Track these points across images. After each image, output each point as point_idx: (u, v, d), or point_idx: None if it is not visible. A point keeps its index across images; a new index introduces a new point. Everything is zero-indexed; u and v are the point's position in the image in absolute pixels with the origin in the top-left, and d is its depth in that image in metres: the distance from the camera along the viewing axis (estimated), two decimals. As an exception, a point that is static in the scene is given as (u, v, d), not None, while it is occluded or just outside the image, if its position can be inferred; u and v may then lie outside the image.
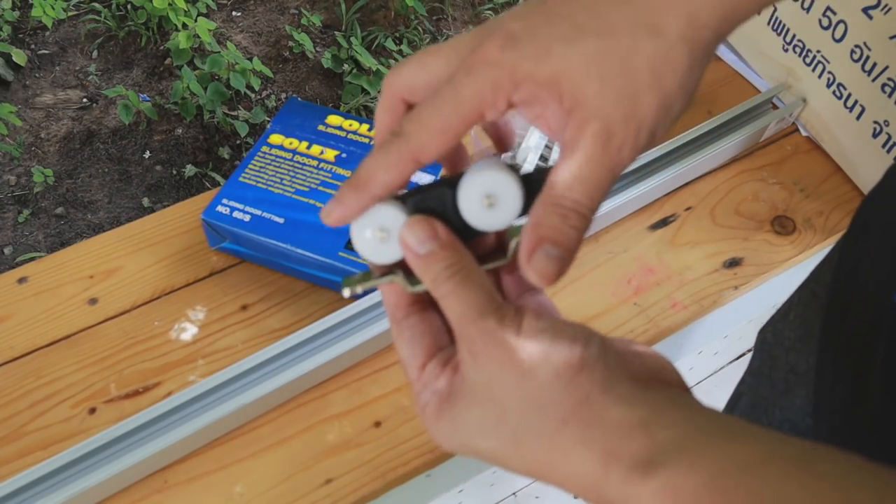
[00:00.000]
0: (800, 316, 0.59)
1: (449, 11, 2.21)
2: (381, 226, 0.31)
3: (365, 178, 0.30)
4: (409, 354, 0.32)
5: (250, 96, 1.97)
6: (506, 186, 0.30)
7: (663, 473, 0.24)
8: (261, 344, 0.61)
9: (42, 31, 2.09)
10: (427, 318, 0.32)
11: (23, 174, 1.81)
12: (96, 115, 1.93)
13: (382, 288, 0.33)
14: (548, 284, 0.29)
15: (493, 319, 0.28)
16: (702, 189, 0.72)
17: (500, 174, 0.30)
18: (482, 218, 0.31)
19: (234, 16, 2.16)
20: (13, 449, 0.56)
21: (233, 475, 0.55)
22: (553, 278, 0.29)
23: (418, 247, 0.30)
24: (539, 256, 0.28)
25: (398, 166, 0.29)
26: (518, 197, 0.30)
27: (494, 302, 0.29)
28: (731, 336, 0.93)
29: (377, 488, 0.54)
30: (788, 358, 0.60)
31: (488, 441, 0.28)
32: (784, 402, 0.60)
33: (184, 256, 0.67)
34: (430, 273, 0.30)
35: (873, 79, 0.65)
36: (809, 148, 0.76)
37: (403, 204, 0.31)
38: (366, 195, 0.30)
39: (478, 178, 0.30)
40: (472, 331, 0.28)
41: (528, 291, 0.34)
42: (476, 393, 0.28)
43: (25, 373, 0.60)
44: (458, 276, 0.29)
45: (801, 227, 0.69)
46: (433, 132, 0.29)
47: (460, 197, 0.30)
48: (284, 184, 0.65)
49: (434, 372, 0.31)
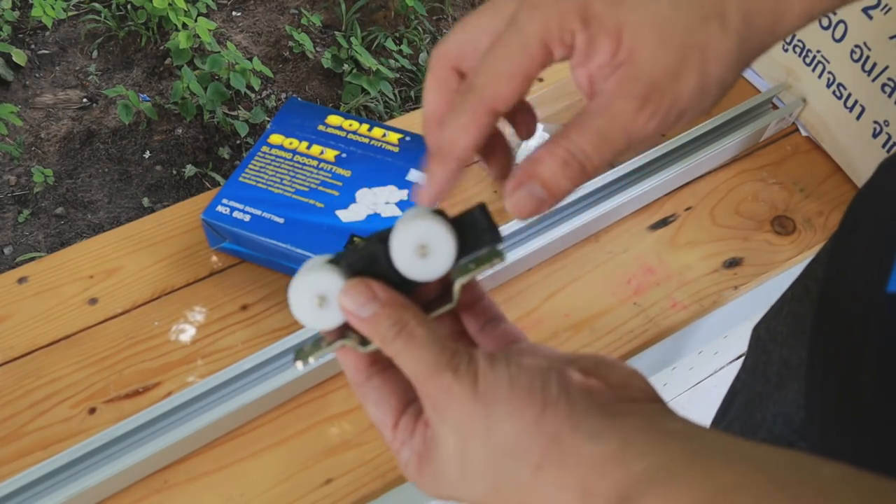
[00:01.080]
0: (792, 311, 0.59)
1: (449, 11, 2.22)
2: (318, 293, 0.31)
3: (448, 145, 0.29)
4: (379, 416, 0.31)
5: (250, 96, 1.97)
6: (437, 234, 0.30)
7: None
8: (261, 344, 0.61)
9: (42, 31, 2.09)
10: (389, 377, 0.32)
11: (23, 174, 1.81)
12: (96, 115, 1.93)
13: (338, 355, 0.33)
14: (521, 218, 0.29)
15: (448, 374, 0.28)
16: (702, 189, 0.72)
17: (428, 223, 0.30)
18: (418, 269, 0.30)
19: (234, 16, 2.16)
20: (13, 449, 0.56)
21: (233, 475, 0.55)
22: (526, 216, 0.29)
23: (359, 310, 0.30)
24: (524, 191, 0.28)
25: (476, 123, 0.29)
26: (451, 243, 0.30)
27: (447, 353, 0.28)
28: (731, 336, 0.93)
29: (377, 488, 0.54)
30: (782, 353, 0.60)
31: (471, 492, 0.28)
32: (777, 396, 0.60)
33: (184, 256, 0.67)
34: (378, 334, 0.29)
35: (873, 79, 0.65)
36: (809, 148, 0.76)
37: (337, 266, 0.31)
38: (453, 162, 0.29)
39: (407, 230, 0.30)
40: (429, 389, 0.28)
41: (490, 322, 0.34)
42: (449, 448, 0.28)
43: (25, 373, 0.60)
44: (404, 333, 0.29)
45: (801, 227, 0.69)
46: (504, 78, 0.28)
47: (393, 251, 0.30)
48: (284, 184, 0.65)
49: (408, 428, 0.31)
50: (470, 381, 0.27)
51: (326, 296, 0.31)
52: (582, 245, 0.67)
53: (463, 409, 0.27)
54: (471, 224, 0.31)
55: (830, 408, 0.45)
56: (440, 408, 0.28)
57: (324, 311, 0.31)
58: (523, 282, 0.65)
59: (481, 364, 0.28)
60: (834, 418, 0.45)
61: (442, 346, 0.28)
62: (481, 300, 0.34)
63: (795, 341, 0.58)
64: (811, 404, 0.50)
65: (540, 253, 0.64)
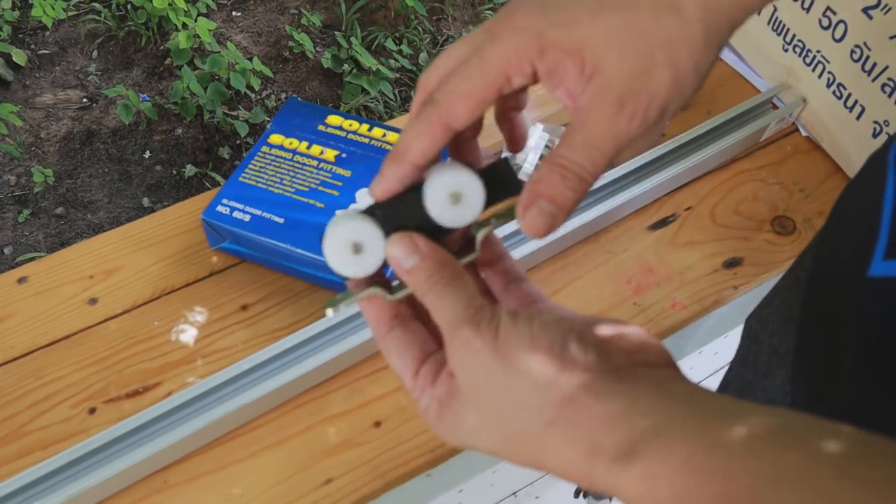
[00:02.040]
0: (784, 300, 0.60)
1: (449, 11, 2.21)
2: (355, 241, 0.32)
3: (402, 149, 0.32)
4: (400, 365, 0.33)
5: (250, 96, 1.97)
6: (468, 183, 0.32)
7: (642, 461, 0.25)
8: (261, 344, 0.61)
9: (42, 31, 2.09)
10: (410, 329, 0.34)
11: (23, 174, 1.81)
12: (96, 115, 1.93)
13: (363, 305, 0.34)
14: (537, 237, 0.31)
15: (469, 328, 0.29)
16: (702, 189, 0.72)
17: (461, 172, 0.32)
18: (450, 216, 0.32)
19: (234, 16, 2.16)
20: (13, 449, 0.56)
21: (232, 475, 0.55)
22: (542, 232, 0.31)
23: (404, 261, 0.32)
24: (533, 211, 0.30)
25: (430, 133, 0.31)
26: (480, 191, 0.32)
27: (471, 308, 0.30)
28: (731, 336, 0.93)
29: (377, 488, 0.54)
30: (772, 341, 0.60)
31: (485, 441, 0.30)
32: (766, 384, 0.60)
33: (184, 256, 0.67)
34: (415, 285, 0.31)
35: (873, 79, 0.65)
36: (809, 148, 0.76)
37: (373, 216, 0.32)
38: (405, 165, 0.32)
39: (442, 178, 0.32)
40: (453, 341, 0.30)
41: (513, 282, 0.36)
42: (468, 398, 0.30)
43: (25, 373, 0.60)
44: (437, 287, 0.31)
45: (801, 227, 0.69)
46: (461, 97, 0.30)
47: (427, 198, 0.32)
48: (284, 184, 0.65)
49: (429, 377, 0.32)
50: (491, 336, 0.29)
51: (362, 244, 0.32)
52: (582, 245, 0.67)
53: (482, 363, 0.29)
54: (498, 174, 0.33)
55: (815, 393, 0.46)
56: (461, 360, 0.29)
57: (358, 259, 0.32)
58: (523, 282, 0.65)
59: (503, 320, 0.29)
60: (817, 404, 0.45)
61: (468, 302, 0.30)
62: (503, 259, 0.36)
63: (785, 329, 0.58)
64: (796, 390, 0.50)
65: (540, 253, 0.64)
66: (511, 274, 0.36)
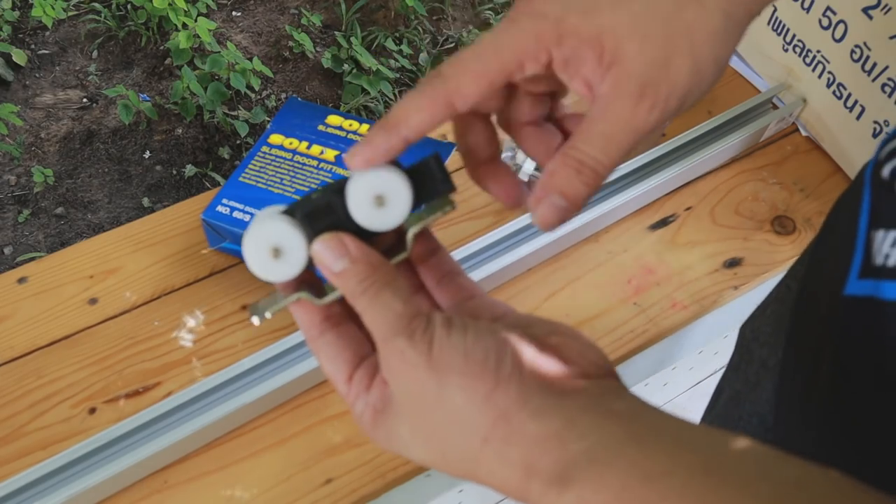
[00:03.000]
0: (775, 312, 0.60)
1: (449, 11, 2.21)
2: (274, 244, 0.30)
3: (397, 118, 0.30)
4: (333, 370, 0.32)
5: (250, 96, 1.97)
6: (393, 184, 0.30)
7: (577, 487, 0.24)
8: (261, 344, 0.61)
9: (42, 31, 2.09)
10: (343, 332, 0.32)
11: (23, 174, 1.81)
12: (96, 115, 1.93)
13: (292, 309, 0.33)
14: (547, 230, 0.30)
15: (403, 338, 0.28)
16: (702, 189, 0.72)
17: (385, 173, 0.30)
18: (375, 219, 0.31)
19: (234, 16, 2.16)
20: (13, 449, 0.56)
21: (233, 475, 0.55)
22: (553, 226, 0.30)
23: (333, 264, 0.30)
24: (545, 204, 0.29)
25: (432, 108, 0.29)
26: (407, 192, 0.30)
27: (405, 317, 0.28)
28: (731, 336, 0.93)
29: (377, 488, 0.54)
30: (761, 353, 0.60)
31: (420, 454, 0.29)
32: (753, 396, 0.60)
33: (184, 256, 0.67)
34: (347, 290, 0.30)
35: (873, 79, 0.65)
36: (809, 148, 0.76)
37: (293, 217, 0.31)
38: (396, 136, 0.30)
39: (363, 180, 0.30)
40: (385, 351, 0.29)
41: (447, 275, 0.34)
42: (402, 410, 0.29)
43: (25, 373, 0.60)
44: (369, 292, 0.29)
45: (801, 227, 0.69)
46: (471, 75, 0.29)
47: (350, 202, 0.30)
48: (284, 184, 0.65)
49: (363, 382, 0.31)
50: (425, 347, 0.28)
51: (281, 247, 0.30)
52: (582, 245, 0.67)
53: (415, 376, 0.28)
54: (426, 173, 0.31)
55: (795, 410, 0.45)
56: (394, 371, 0.29)
57: (278, 263, 0.31)
58: (523, 282, 0.65)
59: (438, 331, 0.28)
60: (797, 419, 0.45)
61: (402, 309, 0.29)
62: (437, 253, 0.35)
63: (774, 341, 0.58)
64: (780, 403, 0.50)
65: (540, 253, 0.64)
66: (445, 267, 0.34)
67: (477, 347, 0.27)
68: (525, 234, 0.64)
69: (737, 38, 0.30)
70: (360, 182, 0.30)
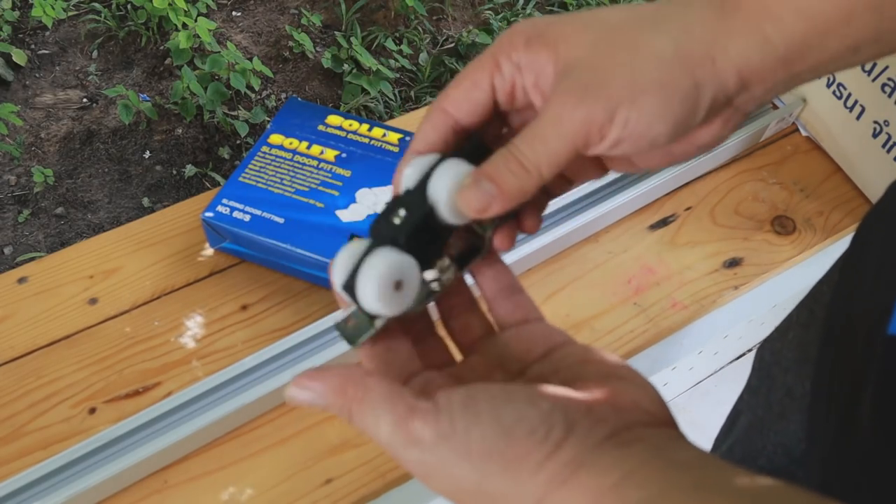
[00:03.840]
0: (798, 336, 0.59)
1: (449, 11, 2.21)
2: (398, 278, 0.30)
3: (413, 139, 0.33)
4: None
5: (250, 96, 1.97)
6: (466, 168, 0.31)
7: None
8: (261, 344, 0.61)
9: (42, 31, 2.09)
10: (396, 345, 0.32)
11: (23, 174, 1.81)
12: (96, 115, 1.93)
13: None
14: (472, 216, 0.30)
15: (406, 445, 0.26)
16: (702, 189, 0.72)
17: (461, 165, 0.31)
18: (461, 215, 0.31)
19: (234, 16, 2.16)
20: (13, 449, 0.56)
21: (233, 475, 0.55)
22: (474, 210, 0.30)
23: (300, 397, 0.28)
24: (472, 187, 0.30)
25: (431, 119, 0.32)
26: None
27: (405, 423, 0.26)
28: (731, 336, 0.93)
29: (377, 488, 0.54)
30: (786, 379, 0.59)
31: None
32: (778, 426, 0.59)
33: (184, 256, 0.67)
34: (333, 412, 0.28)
35: (873, 79, 0.65)
36: (809, 148, 0.76)
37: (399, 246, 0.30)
38: (409, 152, 0.33)
39: (446, 177, 0.31)
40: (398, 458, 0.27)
41: (504, 290, 0.34)
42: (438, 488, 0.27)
43: (25, 373, 0.60)
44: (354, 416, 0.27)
45: (801, 227, 0.69)
46: (458, 85, 0.32)
47: (440, 205, 0.31)
48: (284, 184, 0.65)
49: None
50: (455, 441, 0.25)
51: (404, 280, 0.30)
52: (582, 245, 0.67)
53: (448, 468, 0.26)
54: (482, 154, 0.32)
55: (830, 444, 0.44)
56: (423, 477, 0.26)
57: (399, 296, 0.30)
58: (524, 282, 0.65)
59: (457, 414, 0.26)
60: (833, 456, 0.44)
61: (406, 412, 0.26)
62: (495, 265, 0.35)
63: (800, 369, 0.57)
64: (812, 439, 0.49)
65: (540, 253, 0.64)
66: (504, 280, 0.34)
67: (520, 422, 0.25)
68: (525, 234, 0.64)
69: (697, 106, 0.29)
70: (444, 180, 0.30)
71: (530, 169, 0.29)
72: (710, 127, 0.31)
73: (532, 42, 0.30)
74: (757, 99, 0.31)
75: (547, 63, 0.30)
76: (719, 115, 0.31)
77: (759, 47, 0.29)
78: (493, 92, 0.31)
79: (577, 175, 0.35)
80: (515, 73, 0.31)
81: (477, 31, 2.13)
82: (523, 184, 0.30)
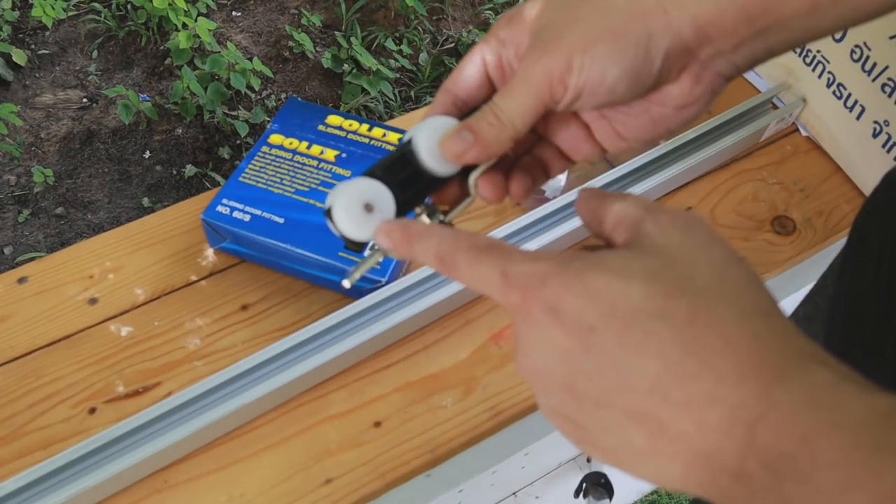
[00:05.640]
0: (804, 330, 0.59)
1: (449, 11, 2.21)
2: (366, 200, 0.33)
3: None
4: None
5: (250, 96, 1.97)
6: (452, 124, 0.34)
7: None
8: (261, 344, 0.61)
9: (42, 31, 2.09)
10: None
11: (23, 174, 1.81)
12: (96, 115, 1.93)
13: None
14: (452, 161, 0.33)
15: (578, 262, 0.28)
16: (702, 189, 0.72)
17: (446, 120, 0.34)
18: (445, 164, 0.34)
19: (234, 16, 2.16)
20: (13, 449, 0.56)
21: (233, 475, 0.55)
22: (452, 153, 0.33)
23: (403, 248, 0.32)
24: (453, 134, 0.33)
25: (436, 97, 0.36)
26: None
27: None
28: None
29: (377, 488, 0.54)
30: None
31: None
32: None
33: (184, 256, 0.67)
34: (435, 264, 0.31)
35: (873, 79, 0.65)
36: (809, 148, 0.76)
37: (373, 177, 0.34)
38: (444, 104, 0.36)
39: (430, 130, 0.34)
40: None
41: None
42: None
43: (25, 373, 0.60)
44: (465, 258, 0.30)
45: (801, 227, 0.69)
46: (457, 67, 0.36)
47: (422, 153, 0.34)
48: (284, 184, 0.65)
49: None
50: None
51: (373, 203, 0.33)
52: (585, 244, 0.67)
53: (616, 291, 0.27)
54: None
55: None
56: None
57: (372, 218, 0.33)
58: (523, 282, 0.65)
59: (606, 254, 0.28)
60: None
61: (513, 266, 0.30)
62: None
63: None
64: None
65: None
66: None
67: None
68: (525, 234, 0.64)
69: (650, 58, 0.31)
70: (427, 133, 0.34)
71: (504, 121, 0.33)
72: (680, 84, 0.32)
73: (512, 18, 0.34)
74: (726, 56, 0.32)
75: (523, 34, 0.33)
76: (686, 71, 0.32)
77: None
78: (485, 66, 0.35)
79: (572, 149, 0.37)
80: (500, 48, 0.34)
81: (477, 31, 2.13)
82: (498, 134, 0.33)
